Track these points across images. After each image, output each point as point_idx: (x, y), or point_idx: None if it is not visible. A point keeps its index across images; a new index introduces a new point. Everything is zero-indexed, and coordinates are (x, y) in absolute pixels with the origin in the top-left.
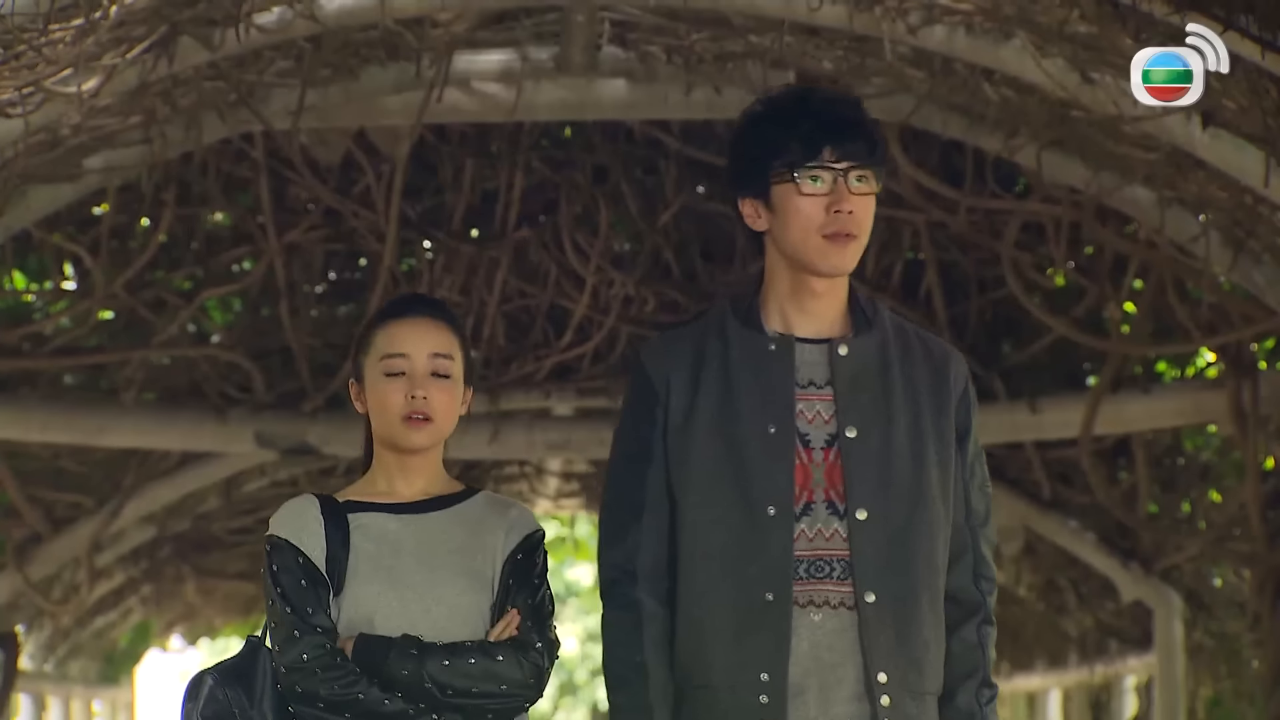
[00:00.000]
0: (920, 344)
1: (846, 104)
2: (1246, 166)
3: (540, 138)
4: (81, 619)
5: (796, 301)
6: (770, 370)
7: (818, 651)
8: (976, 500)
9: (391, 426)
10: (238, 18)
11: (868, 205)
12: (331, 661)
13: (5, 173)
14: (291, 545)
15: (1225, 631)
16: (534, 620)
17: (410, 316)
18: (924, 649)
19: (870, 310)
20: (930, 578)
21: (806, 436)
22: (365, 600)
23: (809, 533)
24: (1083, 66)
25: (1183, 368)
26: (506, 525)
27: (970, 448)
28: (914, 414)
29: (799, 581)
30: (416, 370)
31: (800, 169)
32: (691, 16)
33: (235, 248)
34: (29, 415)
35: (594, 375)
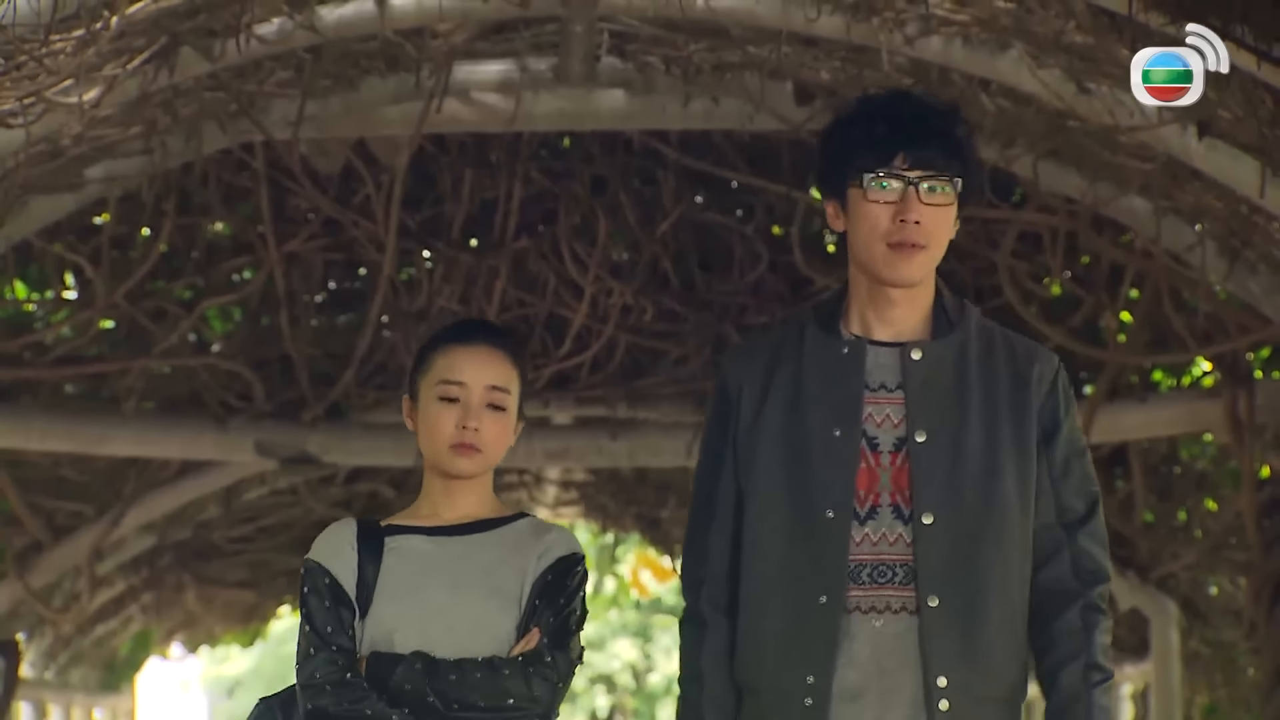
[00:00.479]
0: (1005, 347)
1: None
2: (1242, 177)
3: (539, 148)
4: (82, 627)
5: (875, 307)
6: (840, 373)
7: (879, 657)
8: (1071, 499)
9: (439, 453)
10: (238, 29)
11: (940, 215)
12: (342, 679)
13: (6, 183)
14: (322, 567)
15: (1221, 639)
16: (553, 637)
17: (474, 344)
18: (990, 652)
19: (956, 314)
20: (1001, 583)
21: (875, 440)
22: (387, 618)
23: (873, 537)
24: (1079, 77)
25: (1179, 377)
26: (542, 547)
27: (1060, 447)
28: (990, 419)
29: (861, 586)
30: (472, 400)
31: (871, 174)
32: (689, 27)
33: (235, 257)
34: (30, 424)
35: (592, 384)
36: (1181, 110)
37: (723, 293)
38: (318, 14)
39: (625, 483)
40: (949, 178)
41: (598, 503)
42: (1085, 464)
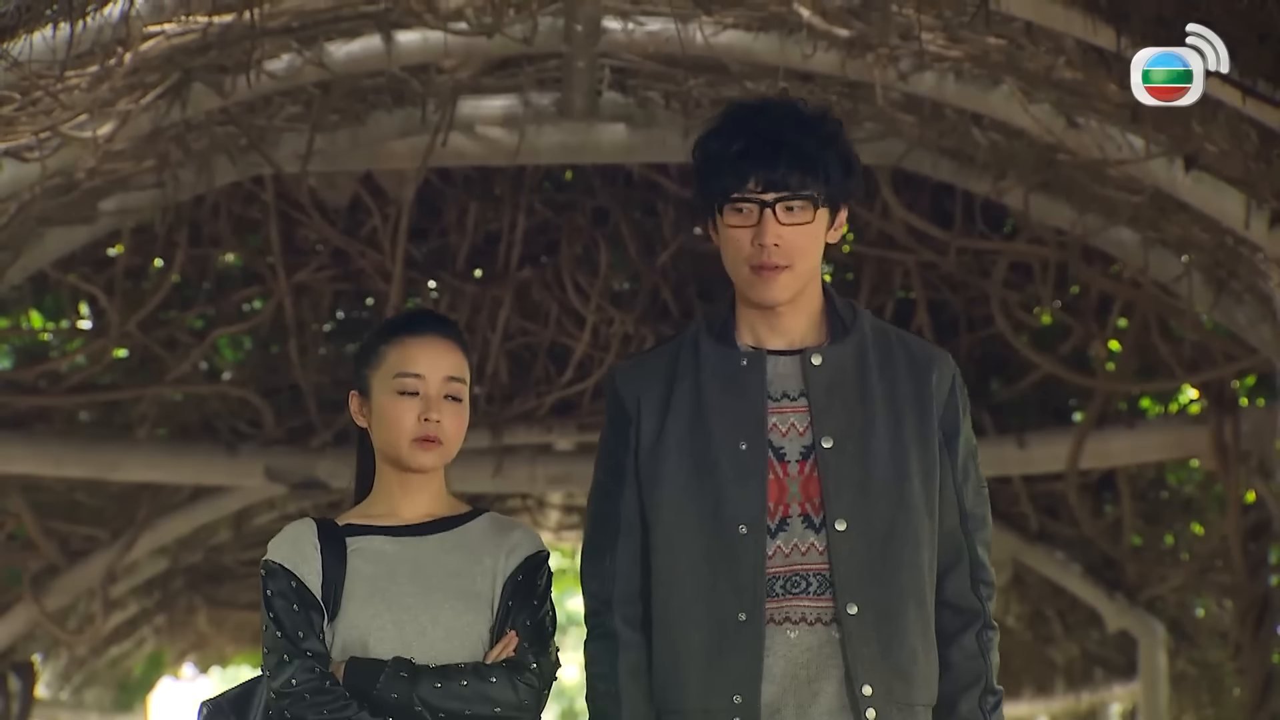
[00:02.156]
0: (903, 348)
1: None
2: (1227, 209)
3: (542, 181)
4: (96, 648)
5: (763, 318)
6: (742, 385)
7: (794, 669)
8: (971, 503)
9: (399, 447)
10: (248, 65)
11: (800, 234)
12: (321, 686)
13: (23, 215)
14: (286, 570)
15: (1208, 660)
16: (532, 641)
17: (425, 335)
18: (911, 659)
19: (849, 317)
20: (916, 587)
21: (781, 450)
22: (360, 623)
23: (785, 548)
24: (1069, 112)
25: (1166, 404)
26: (508, 546)
27: (961, 449)
28: (894, 420)
29: (775, 599)
30: (431, 392)
31: (726, 200)
32: (689, 63)
33: (246, 287)
34: (45, 450)
35: (594, 411)
36: (1168, 144)
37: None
38: (326, 50)
39: None
40: (807, 195)
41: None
42: (978, 466)
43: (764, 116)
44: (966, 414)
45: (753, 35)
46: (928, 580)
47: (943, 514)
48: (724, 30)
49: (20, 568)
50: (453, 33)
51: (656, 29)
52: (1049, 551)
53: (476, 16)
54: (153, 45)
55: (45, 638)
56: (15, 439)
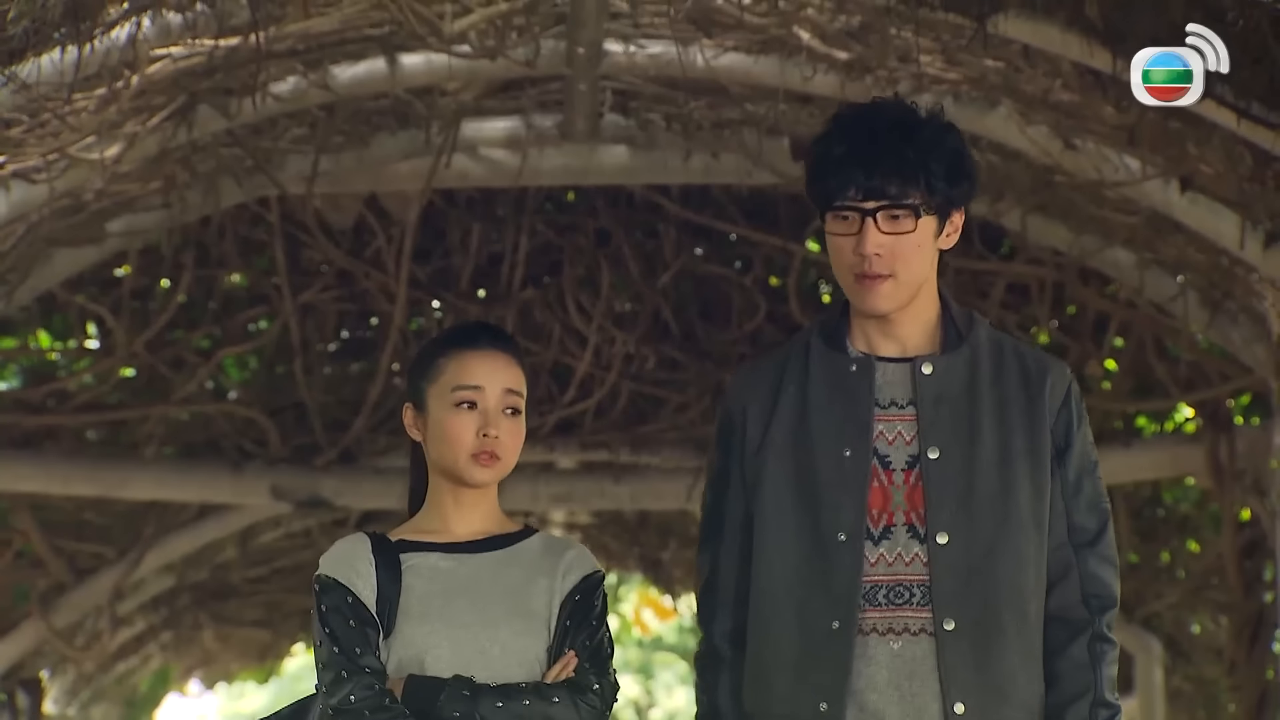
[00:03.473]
0: (1017, 359)
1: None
2: (1222, 230)
3: (544, 202)
4: (104, 665)
5: (877, 323)
6: (849, 391)
7: (898, 680)
8: (1083, 517)
9: (457, 461)
10: (254, 87)
11: (903, 242)
12: (380, 703)
13: (31, 236)
14: (341, 585)
15: (1203, 676)
16: (592, 662)
17: (484, 348)
18: (1009, 677)
19: (965, 326)
20: (1017, 603)
21: (887, 458)
22: (416, 640)
23: (888, 557)
24: (1065, 134)
25: (1162, 423)
26: (564, 566)
27: (1074, 462)
28: (1004, 433)
29: (878, 608)
30: (490, 406)
31: (829, 207)
32: (690, 86)
33: (251, 308)
34: (53, 469)
35: (596, 430)
36: (1164, 166)
37: (722, 342)
38: (331, 73)
39: (628, 525)
40: (909, 204)
41: (601, 544)
42: (1096, 481)
43: (869, 121)
44: (1083, 425)
45: (753, 58)
46: (1032, 597)
47: (1053, 528)
48: (724, 53)
49: (28, 585)
50: (456, 55)
51: (658, 52)
52: None
53: (479, 39)
54: (159, 68)
55: (53, 654)
56: (23, 458)
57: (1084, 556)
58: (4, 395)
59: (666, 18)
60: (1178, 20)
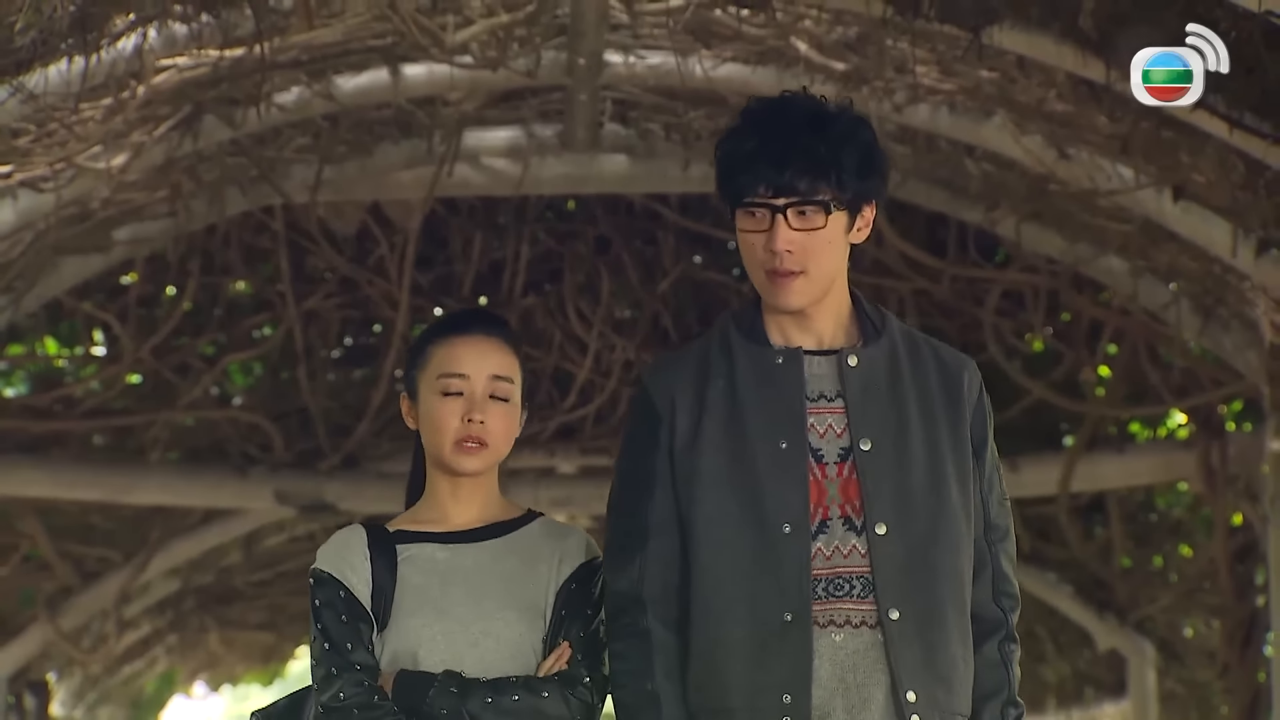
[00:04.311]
0: (932, 353)
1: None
2: (1215, 238)
3: (545, 210)
4: (110, 667)
5: (793, 318)
6: (778, 384)
7: (842, 673)
8: (996, 514)
9: (444, 449)
10: (258, 97)
11: (813, 240)
12: (369, 700)
13: (38, 244)
14: (334, 579)
15: (1196, 679)
16: (585, 653)
17: (471, 334)
18: (952, 667)
19: (878, 319)
20: (956, 592)
21: (819, 451)
22: (409, 633)
23: (826, 550)
24: (1060, 143)
25: (1155, 429)
26: (561, 553)
27: (988, 459)
28: (929, 425)
29: (818, 601)
30: (475, 392)
31: (739, 205)
32: (688, 96)
33: (256, 314)
34: (60, 474)
35: (596, 435)
36: (1157, 175)
37: None
38: (334, 83)
39: None
40: (819, 200)
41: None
42: (1002, 478)
43: (779, 116)
44: (991, 423)
45: (751, 68)
46: (966, 587)
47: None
48: (723, 64)
49: (35, 589)
50: (458, 66)
51: (657, 63)
52: (1040, 573)
53: (481, 50)
54: (165, 78)
55: (60, 657)
56: (31, 463)
57: (996, 554)
58: (12, 401)
59: (666, 29)
60: (1171, 31)
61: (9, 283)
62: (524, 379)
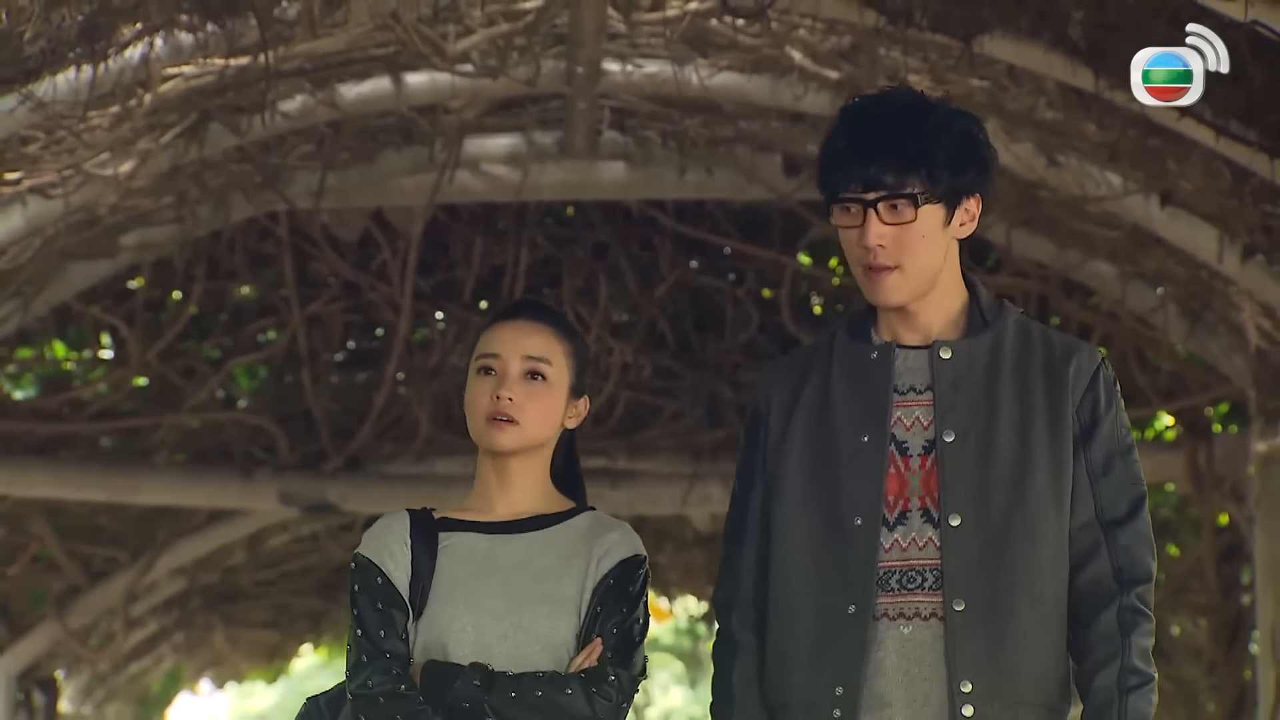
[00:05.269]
0: (1043, 344)
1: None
2: (1201, 243)
3: (545, 216)
4: (117, 665)
5: (900, 314)
6: (868, 378)
7: (907, 665)
8: (1111, 497)
9: (476, 428)
10: (263, 105)
11: (906, 233)
12: (395, 689)
13: (46, 249)
14: (373, 564)
15: (1183, 677)
16: (616, 651)
17: (514, 319)
18: (1021, 656)
19: (992, 312)
20: (1034, 584)
21: (904, 444)
22: (441, 623)
23: (903, 542)
24: (1049, 150)
25: (1143, 431)
26: (603, 549)
27: (1100, 444)
28: (1023, 416)
29: (891, 594)
30: (507, 371)
31: (834, 200)
32: (685, 104)
33: (261, 319)
34: (68, 475)
35: (594, 437)
36: (1145, 181)
37: (716, 352)
38: (338, 91)
39: None
40: (908, 194)
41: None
42: (1130, 463)
43: (872, 112)
44: (1113, 408)
45: (746, 77)
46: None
47: (1076, 508)
48: (719, 72)
49: (44, 588)
50: (459, 74)
51: (654, 71)
52: None
53: (482, 59)
54: (171, 86)
55: (68, 655)
56: (39, 464)
57: (1113, 534)
58: (21, 404)
59: (663, 38)
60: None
61: (18, 287)
62: (579, 365)
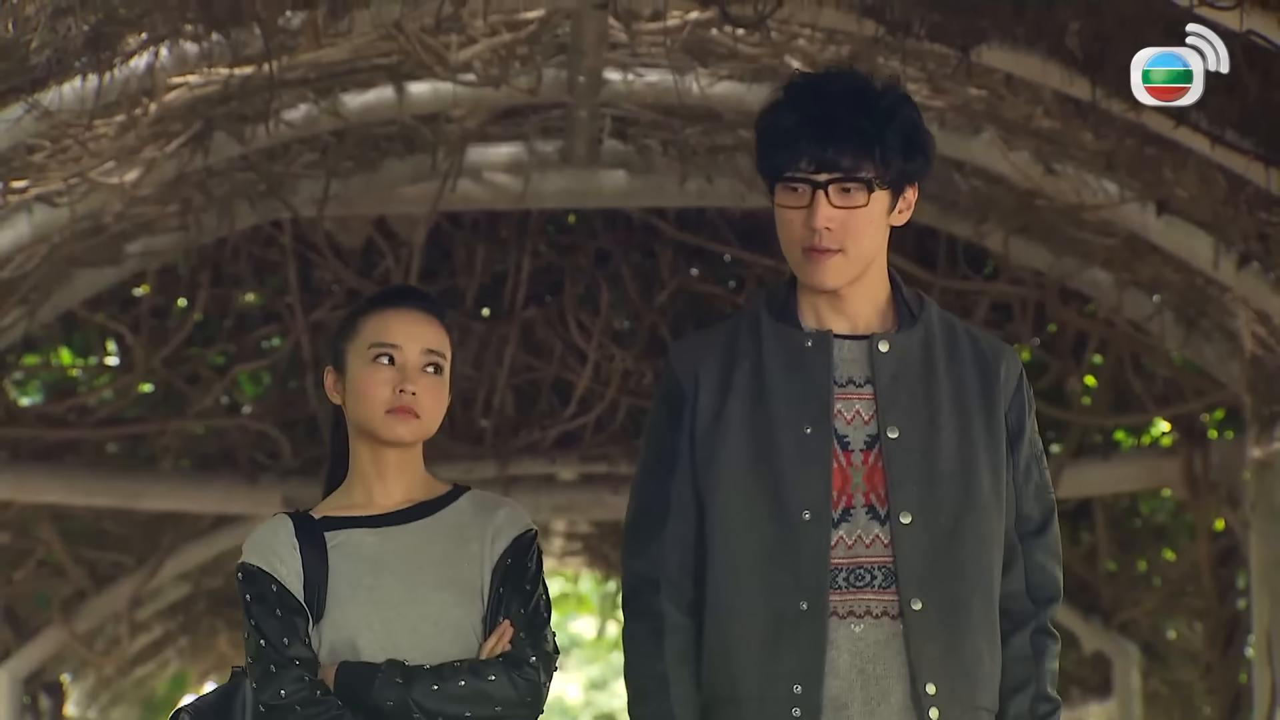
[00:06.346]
0: (970, 341)
1: (850, 99)
2: (1197, 251)
3: (546, 224)
4: (123, 669)
5: (828, 299)
6: (806, 368)
7: (861, 664)
8: (1030, 506)
9: (373, 418)
10: (267, 114)
11: (854, 217)
12: (311, 696)
13: (53, 257)
14: (264, 573)
15: (1179, 680)
16: (527, 631)
17: (405, 308)
18: (976, 660)
19: (916, 305)
20: (983, 585)
21: (845, 438)
22: (347, 623)
23: (848, 539)
24: (1046, 159)
25: (1139, 437)
26: (494, 529)
27: (1024, 450)
28: (961, 414)
29: (837, 591)
30: (408, 363)
31: (779, 178)
32: (685, 113)
33: (265, 326)
34: (74, 481)
35: (596, 443)
36: (1141, 190)
37: None
38: (341, 100)
39: None
40: (861, 178)
41: (601, 553)
42: (1043, 470)
43: (823, 92)
44: (1032, 413)
45: (745, 86)
46: (995, 581)
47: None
48: (718, 82)
49: (50, 592)
50: (461, 84)
51: (655, 80)
52: None
53: (484, 68)
54: (176, 96)
55: (74, 659)
56: (46, 470)
57: (1030, 547)
58: (28, 410)
59: (663, 48)
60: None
61: (25, 295)
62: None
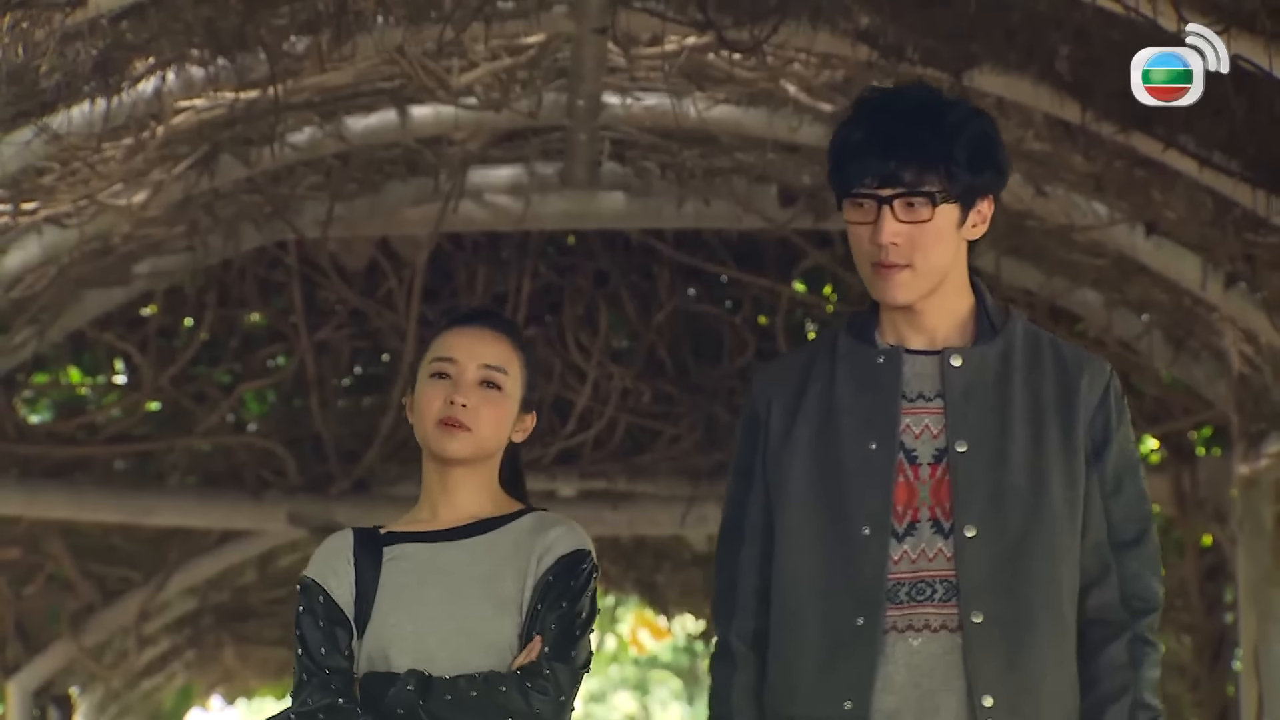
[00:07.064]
0: (1053, 354)
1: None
2: (1185, 271)
3: (546, 245)
4: (130, 682)
5: (906, 316)
6: (876, 384)
7: (916, 678)
8: (1123, 517)
9: (426, 431)
10: (272, 137)
11: (921, 232)
12: (333, 703)
13: (62, 278)
14: (317, 585)
15: (1168, 692)
16: (555, 645)
17: (468, 325)
18: (1040, 676)
19: (1000, 319)
20: (1052, 599)
21: (914, 452)
22: (384, 634)
23: (912, 554)
24: (1037, 181)
25: None
26: (545, 545)
27: (1112, 461)
28: (1036, 428)
29: (899, 605)
30: (463, 377)
31: (846, 195)
32: (683, 136)
33: (270, 345)
34: (83, 497)
35: (595, 460)
36: (1130, 211)
37: (713, 377)
38: (345, 124)
39: (625, 550)
40: (925, 192)
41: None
42: (1138, 481)
43: (890, 106)
44: (1123, 424)
45: (743, 110)
46: (1066, 595)
47: (1089, 527)
48: (716, 105)
49: (59, 606)
50: (463, 107)
51: (653, 104)
52: None
53: (485, 92)
54: (183, 119)
55: (83, 672)
56: (55, 486)
57: (1124, 558)
58: (37, 428)
59: (661, 72)
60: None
61: (35, 314)
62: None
